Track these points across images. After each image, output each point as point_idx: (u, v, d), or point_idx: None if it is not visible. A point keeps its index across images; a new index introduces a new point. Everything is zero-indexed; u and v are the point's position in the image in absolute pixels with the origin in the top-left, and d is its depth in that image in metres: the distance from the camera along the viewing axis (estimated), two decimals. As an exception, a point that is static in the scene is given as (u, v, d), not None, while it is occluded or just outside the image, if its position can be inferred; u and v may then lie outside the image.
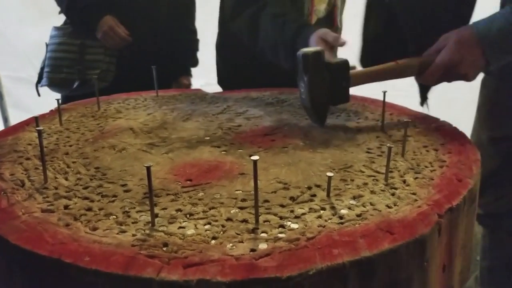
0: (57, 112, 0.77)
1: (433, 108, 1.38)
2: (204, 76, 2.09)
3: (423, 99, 0.96)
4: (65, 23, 1.27)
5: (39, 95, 1.25)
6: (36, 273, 0.39)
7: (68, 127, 0.72)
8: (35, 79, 1.29)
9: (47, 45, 1.25)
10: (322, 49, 0.72)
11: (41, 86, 1.24)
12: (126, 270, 0.35)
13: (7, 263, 0.41)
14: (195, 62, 1.49)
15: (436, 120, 0.78)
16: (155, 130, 0.71)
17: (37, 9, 1.33)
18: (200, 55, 2.00)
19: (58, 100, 0.73)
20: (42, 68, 1.25)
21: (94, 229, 0.41)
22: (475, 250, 1.82)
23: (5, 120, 2.06)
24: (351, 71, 0.74)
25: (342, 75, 0.73)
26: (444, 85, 0.82)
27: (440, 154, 0.62)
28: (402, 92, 1.03)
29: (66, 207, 0.46)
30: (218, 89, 1.21)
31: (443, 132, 0.72)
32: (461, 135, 0.71)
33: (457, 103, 1.88)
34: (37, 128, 0.47)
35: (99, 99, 0.83)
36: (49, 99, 0.98)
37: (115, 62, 1.22)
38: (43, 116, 0.78)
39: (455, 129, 0.74)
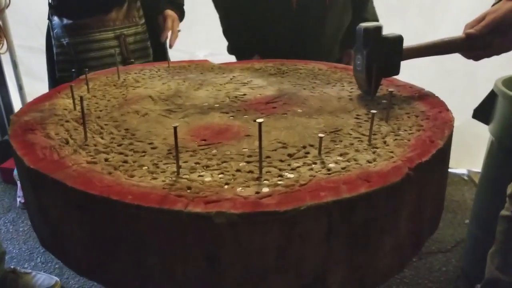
0: (82, 81, 0.86)
1: (433, 78, 1.47)
2: (208, 47, 2.17)
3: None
4: (70, 17, 1.19)
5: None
6: (89, 210, 0.50)
7: (95, 95, 0.82)
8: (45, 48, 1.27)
9: (71, 44, 1.17)
10: (381, 25, 0.79)
11: None
12: (161, 205, 0.46)
13: (64, 203, 0.52)
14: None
15: (420, 90, 0.87)
16: (171, 98, 0.81)
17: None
18: (204, 25, 2.06)
19: (86, 70, 0.82)
20: (76, 68, 1.15)
21: (131, 176, 0.52)
22: (464, 215, 1.95)
23: (20, 87, 2.15)
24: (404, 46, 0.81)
25: (397, 49, 0.80)
26: (442, 57, 0.87)
27: (419, 119, 0.72)
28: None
29: (106, 160, 0.56)
30: (222, 59, 1.30)
31: (425, 101, 0.81)
32: (441, 103, 0.80)
33: (454, 74, 1.97)
34: (80, 95, 0.57)
35: (118, 69, 0.93)
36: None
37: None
38: (69, 84, 0.88)
39: (437, 98, 0.83)
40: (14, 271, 1.43)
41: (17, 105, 2.42)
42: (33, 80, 2.24)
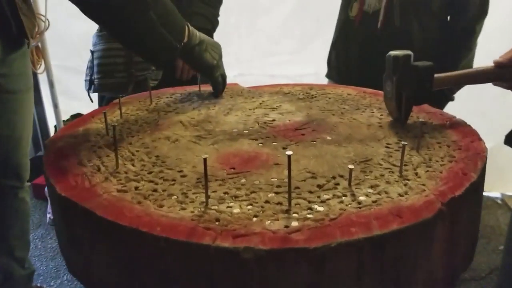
0: (115, 105, 0.89)
1: (464, 99, 1.43)
2: (238, 67, 2.20)
3: None
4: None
5: (92, 101, 1.37)
6: (118, 239, 0.50)
7: (128, 120, 0.84)
8: (82, 68, 1.41)
9: (92, 52, 1.34)
10: (411, 53, 0.79)
11: (93, 92, 1.34)
12: (189, 238, 0.46)
13: (93, 231, 0.53)
14: None
15: (451, 117, 0.85)
16: (201, 124, 0.82)
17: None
18: (234, 47, 2.10)
19: (120, 96, 0.84)
20: (91, 75, 1.34)
21: (161, 206, 0.53)
22: (499, 240, 1.87)
23: (55, 106, 2.22)
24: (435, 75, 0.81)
25: (427, 77, 0.80)
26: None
27: (451, 150, 0.70)
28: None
29: (136, 188, 0.57)
30: (251, 79, 1.31)
31: (457, 129, 0.79)
32: (473, 132, 0.77)
33: (486, 94, 1.91)
34: (113, 125, 0.58)
35: (151, 94, 0.95)
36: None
37: None
38: (103, 109, 0.90)
39: (469, 126, 0.81)
40: (40, 289, 1.46)
41: (51, 123, 2.50)
42: (68, 99, 2.32)
